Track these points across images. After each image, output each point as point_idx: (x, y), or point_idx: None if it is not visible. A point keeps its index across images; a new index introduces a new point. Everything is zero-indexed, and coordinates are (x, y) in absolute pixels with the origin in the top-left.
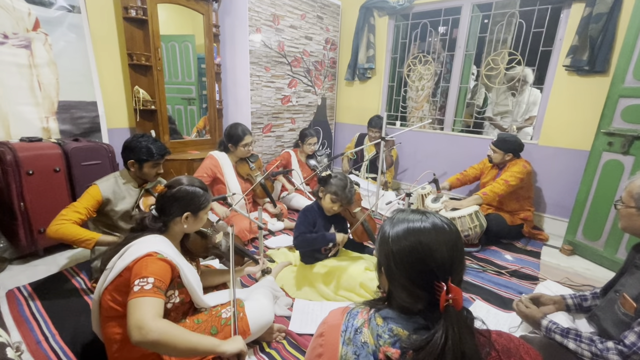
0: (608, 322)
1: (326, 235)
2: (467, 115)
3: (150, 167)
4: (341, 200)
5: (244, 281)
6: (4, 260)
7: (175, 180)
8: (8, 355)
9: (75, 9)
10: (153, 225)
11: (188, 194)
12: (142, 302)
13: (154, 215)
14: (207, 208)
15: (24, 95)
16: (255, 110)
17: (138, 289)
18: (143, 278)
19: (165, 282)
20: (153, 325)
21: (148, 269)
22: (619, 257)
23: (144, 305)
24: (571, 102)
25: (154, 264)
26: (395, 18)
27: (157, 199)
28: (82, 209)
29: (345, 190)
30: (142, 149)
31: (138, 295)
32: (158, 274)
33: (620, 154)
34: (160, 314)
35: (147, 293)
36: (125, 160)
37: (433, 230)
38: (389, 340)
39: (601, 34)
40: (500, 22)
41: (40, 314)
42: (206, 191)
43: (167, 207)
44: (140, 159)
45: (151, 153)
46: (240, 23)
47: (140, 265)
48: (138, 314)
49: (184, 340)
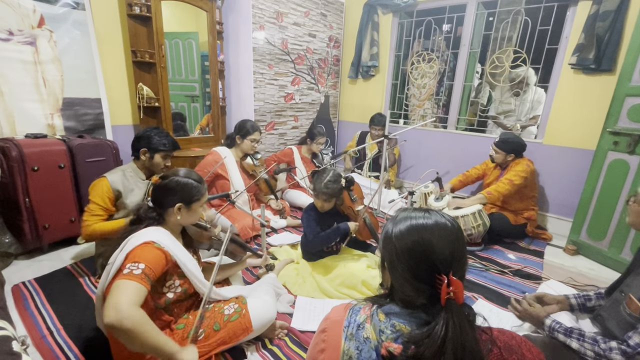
0: (612, 322)
1: (340, 227)
2: (471, 114)
3: (161, 157)
4: (320, 195)
5: (246, 278)
6: (9, 255)
7: (171, 171)
8: (14, 348)
9: (79, 6)
10: (148, 215)
11: (179, 185)
12: (126, 285)
13: (149, 206)
14: (200, 201)
15: (29, 91)
16: (259, 107)
17: (127, 272)
18: (135, 262)
19: (155, 271)
20: (130, 311)
21: (141, 256)
22: (623, 258)
23: (128, 289)
24: (577, 100)
25: (148, 252)
26: (399, 15)
27: (152, 189)
28: (98, 209)
29: (322, 184)
30: (156, 138)
31: (125, 278)
32: (150, 262)
33: (626, 153)
34: (140, 303)
35: (134, 277)
36: (137, 149)
37: (435, 227)
38: (392, 336)
39: (608, 32)
40: (505, 19)
41: (45, 309)
42: (201, 184)
43: (160, 198)
44: (153, 147)
45: (164, 143)
46: (244, 20)
47: (135, 252)
48: (119, 296)
49: (152, 337)
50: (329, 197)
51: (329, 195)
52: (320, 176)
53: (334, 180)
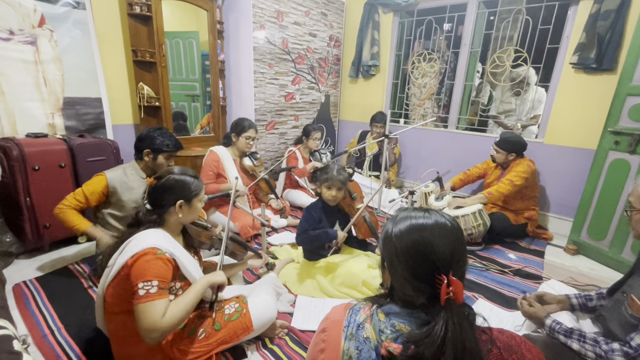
0: (614, 323)
1: (329, 232)
2: (472, 114)
3: (165, 158)
4: (335, 184)
5: (246, 277)
6: (10, 254)
7: (165, 171)
8: (15, 347)
9: (80, 6)
10: (147, 218)
11: (177, 182)
12: (149, 307)
13: (147, 208)
14: (200, 196)
15: (30, 91)
16: (259, 107)
17: (144, 293)
18: (147, 282)
19: (167, 280)
20: (164, 325)
21: (150, 271)
22: (624, 257)
23: (152, 310)
24: (577, 100)
25: (155, 265)
26: (400, 15)
27: (149, 191)
28: (82, 196)
29: (335, 173)
30: (160, 139)
31: (145, 300)
32: (160, 275)
33: (626, 153)
34: (165, 311)
35: (153, 297)
36: (140, 149)
37: (435, 227)
38: (391, 336)
39: (609, 32)
40: (506, 19)
41: (46, 308)
42: (197, 179)
43: (159, 198)
44: (156, 148)
45: (167, 144)
46: (244, 20)
47: (141, 265)
48: (149, 319)
49: (188, 307)
50: (342, 185)
51: (342, 183)
52: (327, 168)
53: (342, 169)
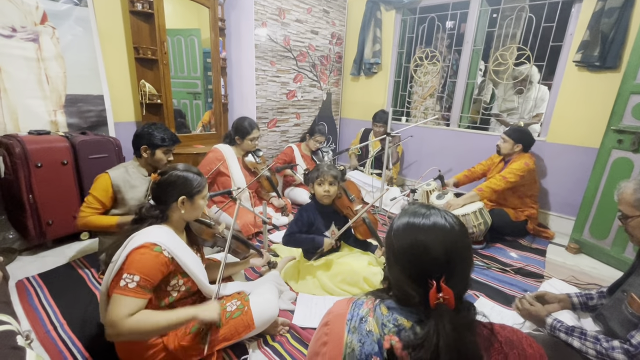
0: (615, 321)
1: (315, 239)
2: (474, 112)
3: (162, 153)
4: (326, 178)
5: (248, 275)
6: (13, 251)
7: (170, 167)
8: (18, 343)
9: (82, 3)
10: (150, 214)
11: (180, 178)
12: (120, 301)
13: (151, 204)
14: (202, 193)
15: (32, 88)
16: (261, 104)
17: (123, 285)
18: (130, 274)
19: (152, 280)
20: (124, 325)
21: (137, 265)
22: (626, 256)
23: (121, 305)
24: (581, 98)
25: (146, 260)
26: (402, 12)
27: (153, 187)
28: (96, 201)
29: (325, 168)
30: (155, 134)
31: (120, 292)
32: (145, 272)
33: (630, 151)
34: (134, 312)
35: (129, 292)
36: (138, 146)
37: (432, 229)
38: (394, 329)
39: (613, 29)
40: (509, 16)
41: (49, 304)
42: (201, 177)
43: (162, 194)
44: (153, 144)
45: (163, 138)
46: (246, 17)
47: (134, 257)
48: (113, 313)
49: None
50: (334, 179)
51: (334, 177)
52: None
53: (333, 165)
